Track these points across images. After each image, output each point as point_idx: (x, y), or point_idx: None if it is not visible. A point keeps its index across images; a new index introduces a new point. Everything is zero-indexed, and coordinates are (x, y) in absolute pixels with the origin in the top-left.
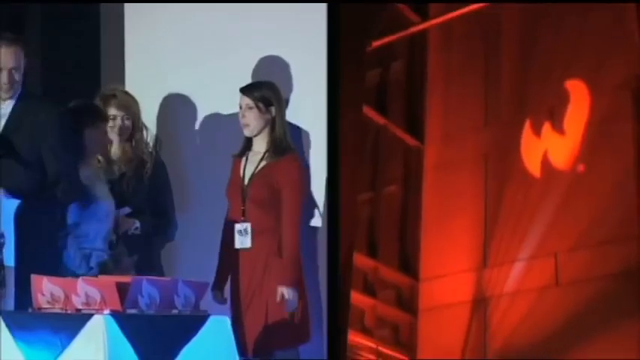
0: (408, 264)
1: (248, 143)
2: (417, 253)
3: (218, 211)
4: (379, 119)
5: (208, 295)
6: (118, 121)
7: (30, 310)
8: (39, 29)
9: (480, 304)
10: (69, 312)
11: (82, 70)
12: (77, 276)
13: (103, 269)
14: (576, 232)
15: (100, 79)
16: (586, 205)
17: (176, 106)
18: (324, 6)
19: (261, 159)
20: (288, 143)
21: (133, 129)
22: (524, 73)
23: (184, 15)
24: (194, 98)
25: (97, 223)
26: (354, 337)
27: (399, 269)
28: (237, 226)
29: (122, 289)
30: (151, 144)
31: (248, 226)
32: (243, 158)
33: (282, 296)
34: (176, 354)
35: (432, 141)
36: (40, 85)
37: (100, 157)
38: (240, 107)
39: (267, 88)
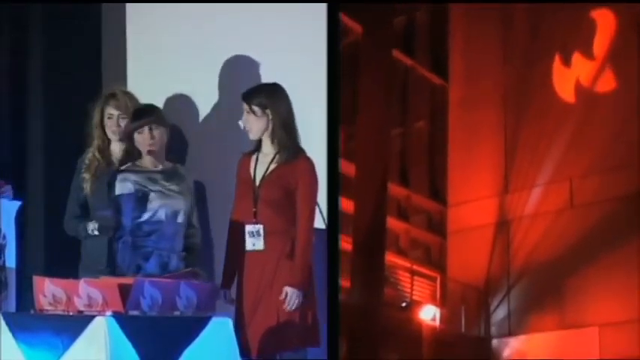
0: (437, 191)
1: (258, 144)
2: (444, 181)
3: (216, 210)
4: (407, 60)
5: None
6: (114, 120)
7: (32, 311)
8: (40, 29)
9: (503, 226)
10: (71, 313)
11: (84, 70)
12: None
13: (164, 270)
14: (588, 159)
15: (102, 79)
16: (597, 134)
17: (178, 107)
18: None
19: (272, 160)
20: (297, 145)
21: None
22: (538, 12)
23: (186, 15)
24: (195, 98)
25: (157, 224)
26: (391, 258)
27: (429, 196)
28: (249, 228)
29: (124, 291)
30: None
31: (261, 228)
32: (253, 158)
33: (286, 296)
34: (178, 355)
35: (456, 79)
36: (41, 85)
37: (97, 156)
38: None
39: (263, 93)
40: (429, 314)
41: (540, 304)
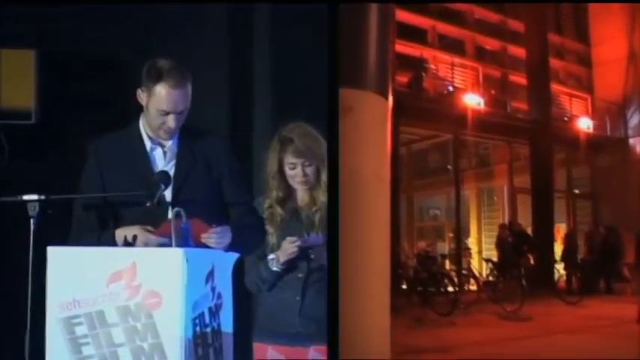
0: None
1: None
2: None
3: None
4: None
5: None
6: (299, 170)
7: None
8: (269, 31)
9: (633, 58)
10: None
11: (314, 75)
12: None
13: None
14: None
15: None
16: None
17: None
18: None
19: None
20: None
21: (318, 172)
22: None
23: None
24: None
25: None
26: (554, 86)
27: (578, 39)
28: None
29: None
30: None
31: None
32: None
33: None
34: None
35: None
36: (270, 95)
37: (278, 210)
38: None
39: None
40: (584, 124)
41: None
